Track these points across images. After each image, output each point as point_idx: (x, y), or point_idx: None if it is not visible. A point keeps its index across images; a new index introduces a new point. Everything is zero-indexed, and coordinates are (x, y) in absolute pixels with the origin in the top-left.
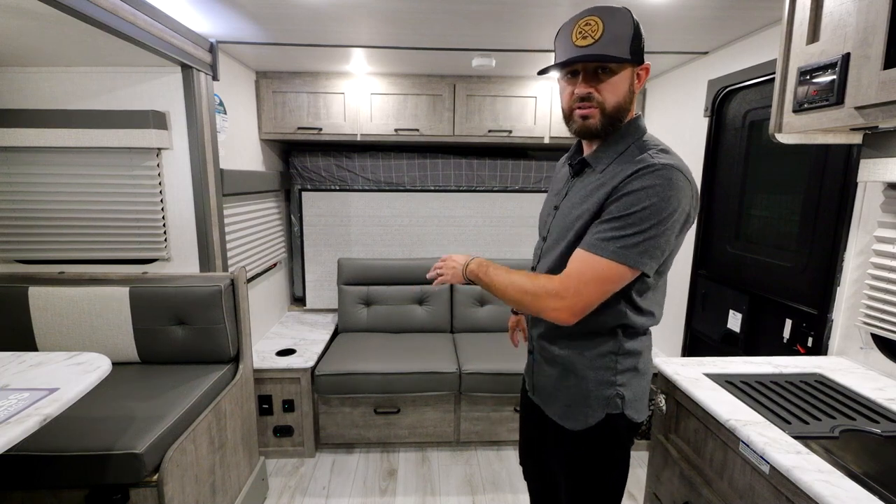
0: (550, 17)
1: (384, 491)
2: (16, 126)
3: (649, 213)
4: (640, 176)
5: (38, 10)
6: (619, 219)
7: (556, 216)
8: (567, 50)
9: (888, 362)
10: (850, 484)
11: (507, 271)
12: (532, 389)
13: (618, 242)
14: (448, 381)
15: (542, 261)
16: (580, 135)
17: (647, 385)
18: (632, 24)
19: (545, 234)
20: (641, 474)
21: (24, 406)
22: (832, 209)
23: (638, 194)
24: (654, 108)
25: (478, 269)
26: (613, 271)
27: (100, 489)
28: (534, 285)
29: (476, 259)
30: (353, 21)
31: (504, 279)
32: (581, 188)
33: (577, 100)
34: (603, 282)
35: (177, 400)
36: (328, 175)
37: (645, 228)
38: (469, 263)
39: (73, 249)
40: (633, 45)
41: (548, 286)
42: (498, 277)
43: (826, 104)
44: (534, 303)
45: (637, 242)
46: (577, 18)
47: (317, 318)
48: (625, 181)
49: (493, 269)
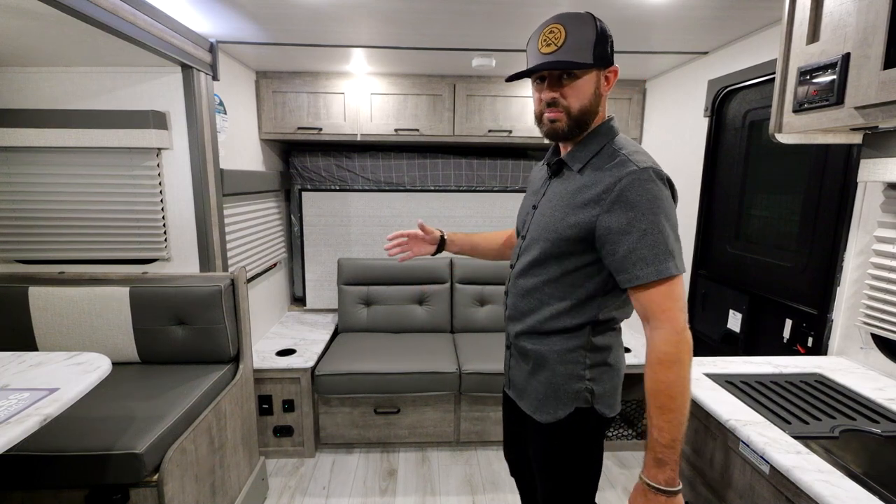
0: (550, 16)
1: (384, 491)
2: (16, 126)
3: (651, 221)
4: (626, 182)
5: (38, 10)
6: (629, 237)
7: (534, 215)
8: (534, 57)
9: (888, 362)
10: (850, 484)
11: (661, 413)
12: (508, 384)
13: (655, 262)
14: (448, 381)
15: (520, 258)
16: (549, 137)
17: (620, 381)
18: (594, 29)
19: (524, 232)
20: None
21: (24, 406)
22: (832, 209)
23: (629, 206)
24: (654, 108)
25: (662, 472)
26: (676, 283)
27: (100, 489)
28: (669, 369)
29: (646, 473)
30: (353, 21)
31: (667, 413)
32: (560, 188)
33: (545, 105)
34: (678, 296)
35: (177, 400)
36: (328, 175)
37: (656, 236)
38: (651, 486)
39: (73, 249)
40: (597, 50)
41: (667, 349)
42: (665, 428)
43: (826, 104)
44: (686, 369)
45: (663, 251)
46: (543, 26)
47: (317, 318)
48: (613, 190)
49: (657, 442)
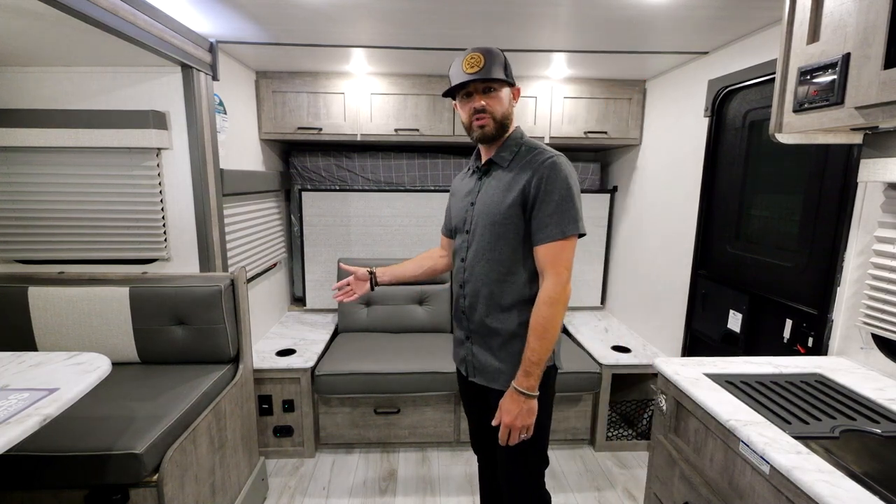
0: (550, 16)
1: (384, 491)
2: (16, 126)
3: (565, 194)
4: (545, 168)
5: (38, 10)
6: (548, 206)
7: (475, 210)
8: (461, 76)
9: (888, 362)
10: (851, 484)
11: (536, 338)
12: (473, 373)
13: (561, 224)
14: (448, 381)
15: (470, 249)
16: (480, 140)
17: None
18: (502, 58)
19: (468, 227)
20: (641, 474)
21: (24, 406)
22: (832, 209)
23: (551, 183)
24: (654, 108)
25: (527, 379)
26: (572, 243)
27: (100, 489)
28: (550, 307)
29: (517, 381)
30: (353, 21)
31: (540, 340)
32: (495, 182)
33: (474, 112)
34: (571, 255)
35: (177, 400)
36: (328, 175)
37: (568, 205)
38: (520, 394)
39: (72, 249)
40: (507, 72)
41: (551, 294)
42: (537, 349)
43: (826, 104)
44: (560, 310)
45: (571, 217)
46: (464, 55)
47: (317, 318)
48: (536, 174)
49: (529, 359)
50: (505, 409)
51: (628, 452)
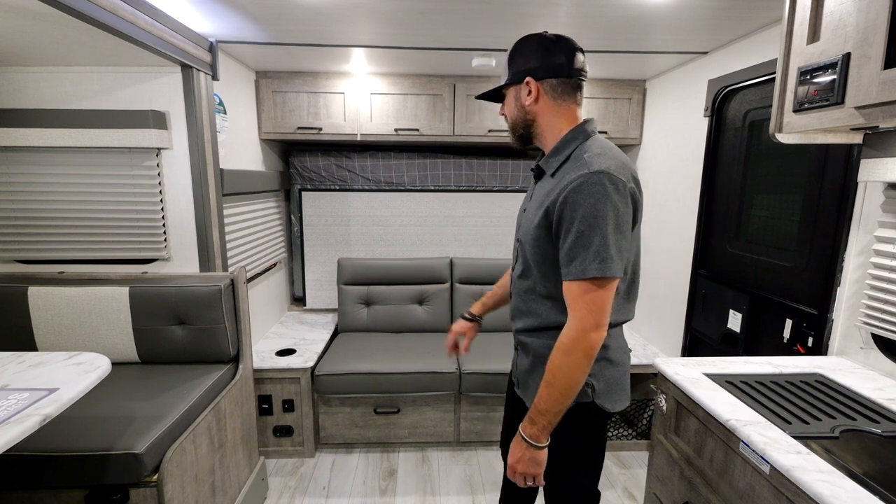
0: (550, 16)
1: (384, 491)
2: (16, 126)
3: (591, 223)
4: (570, 188)
5: (38, 10)
6: (569, 235)
7: (523, 218)
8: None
9: (888, 362)
10: (851, 484)
11: (545, 384)
12: (517, 384)
13: (583, 262)
14: (448, 381)
15: (517, 261)
16: (514, 145)
17: (623, 375)
18: (510, 53)
19: (518, 235)
20: (641, 474)
21: (23, 406)
22: (832, 209)
23: (574, 209)
24: (654, 108)
25: (531, 427)
26: (598, 286)
27: (100, 489)
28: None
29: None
30: (354, 21)
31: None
32: (539, 191)
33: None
34: (600, 299)
35: (176, 400)
36: (328, 175)
37: (591, 239)
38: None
39: (72, 249)
40: (511, 69)
41: (565, 340)
42: (544, 397)
43: (826, 104)
44: (578, 361)
45: (595, 254)
46: None
47: (317, 318)
48: (561, 195)
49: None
50: (511, 450)
51: (628, 452)
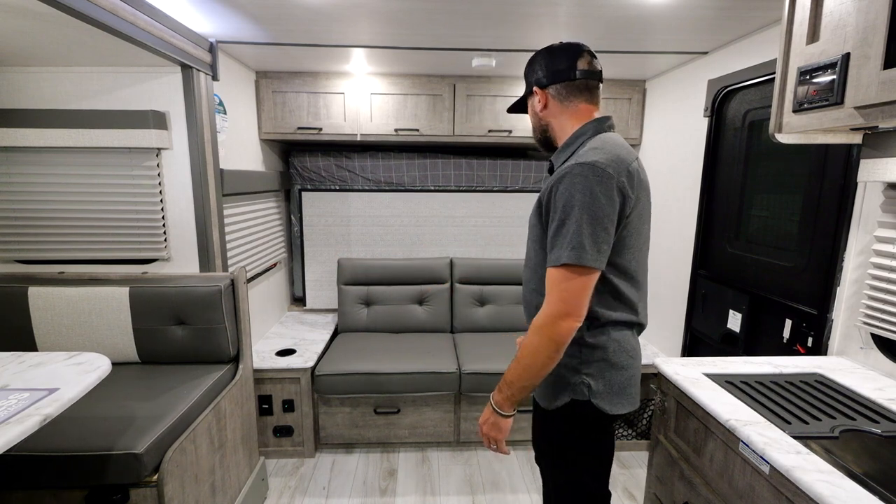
0: (550, 16)
1: (384, 491)
2: (16, 126)
3: (569, 213)
4: (558, 178)
5: (38, 10)
6: (552, 224)
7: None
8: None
9: (888, 362)
10: (851, 484)
11: (514, 358)
12: None
13: (559, 249)
14: (448, 381)
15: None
16: (540, 150)
17: (628, 380)
18: (529, 62)
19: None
20: (641, 474)
21: (24, 406)
22: (832, 209)
23: (559, 198)
24: (654, 108)
25: (498, 394)
26: (570, 274)
27: (100, 489)
28: (533, 333)
29: (492, 393)
30: (354, 21)
31: (516, 361)
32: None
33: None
34: (572, 287)
35: (177, 400)
36: (328, 175)
37: (569, 227)
38: (491, 406)
39: (72, 249)
40: (528, 80)
41: (536, 321)
42: (512, 368)
43: (826, 104)
44: (544, 343)
45: (570, 242)
46: None
47: (317, 318)
48: (551, 185)
49: (504, 375)
50: (483, 411)
51: (628, 452)
